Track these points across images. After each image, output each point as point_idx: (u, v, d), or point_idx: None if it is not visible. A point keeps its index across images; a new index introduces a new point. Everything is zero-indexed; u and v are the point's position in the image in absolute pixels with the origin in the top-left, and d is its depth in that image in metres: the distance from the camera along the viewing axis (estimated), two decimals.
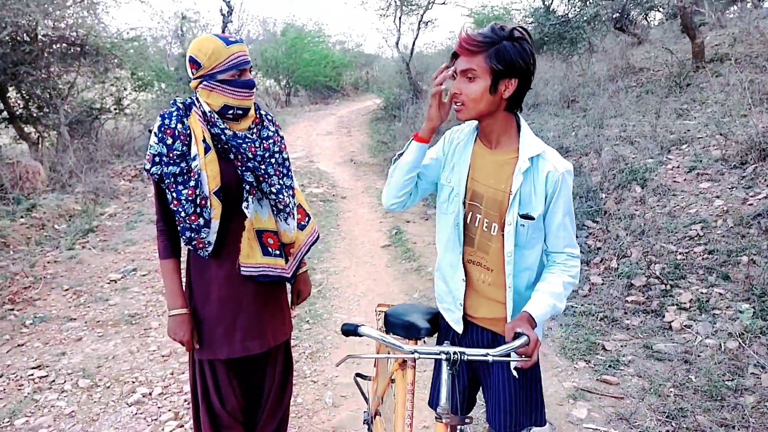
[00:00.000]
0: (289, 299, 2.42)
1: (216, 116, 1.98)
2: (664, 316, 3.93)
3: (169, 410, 3.25)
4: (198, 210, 1.94)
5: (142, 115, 13.26)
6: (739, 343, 3.42)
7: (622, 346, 3.70)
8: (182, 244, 2.05)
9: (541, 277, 1.74)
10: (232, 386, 2.16)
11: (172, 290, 2.05)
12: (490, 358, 1.49)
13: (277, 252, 2.16)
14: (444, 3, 17.95)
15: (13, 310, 4.64)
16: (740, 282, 3.98)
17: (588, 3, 10.96)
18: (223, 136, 1.99)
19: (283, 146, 2.21)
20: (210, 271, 2.08)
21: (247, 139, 2.04)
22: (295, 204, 2.25)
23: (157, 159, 1.94)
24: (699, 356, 3.42)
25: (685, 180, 5.58)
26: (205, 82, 1.97)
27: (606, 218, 5.37)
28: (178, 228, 1.99)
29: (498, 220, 1.72)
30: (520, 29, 1.62)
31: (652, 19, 16.69)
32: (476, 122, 1.76)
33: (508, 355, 1.51)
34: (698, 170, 5.60)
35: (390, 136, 12.81)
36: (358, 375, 2.61)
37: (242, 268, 2.05)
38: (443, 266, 1.88)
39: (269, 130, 2.16)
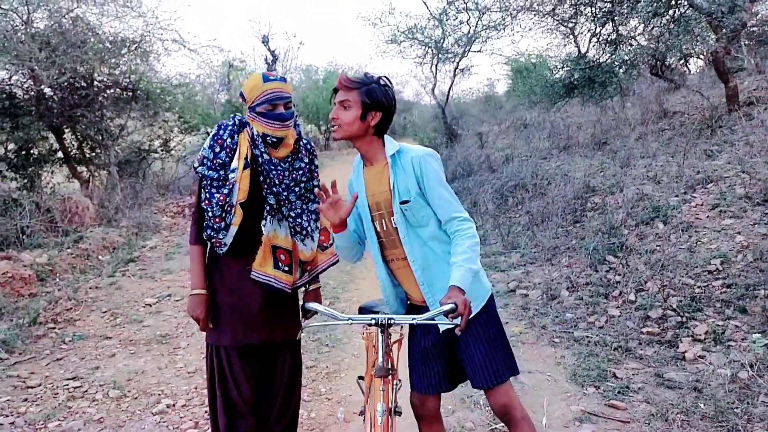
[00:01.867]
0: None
1: (260, 140, 2.29)
2: (678, 347, 3.94)
3: (191, 420, 3.44)
4: (222, 214, 2.23)
5: (187, 156, 13.95)
6: (750, 372, 3.41)
7: (633, 374, 3.72)
8: (204, 238, 2.33)
9: (451, 253, 2.05)
10: (245, 374, 2.36)
11: (195, 272, 2.36)
12: (415, 322, 1.86)
13: (286, 268, 2.41)
14: (480, 51, 18.42)
15: (54, 328, 4.96)
16: (757, 315, 3.98)
17: (617, 48, 11.13)
18: (260, 159, 2.29)
19: (315, 175, 2.50)
20: (227, 264, 2.36)
21: (279, 167, 2.32)
22: (315, 227, 2.50)
23: (204, 161, 2.29)
24: (709, 385, 3.42)
25: (707, 217, 5.59)
26: (249, 113, 2.30)
27: (627, 253, 5.41)
28: (204, 224, 2.29)
29: (392, 214, 2.13)
30: (385, 78, 2.13)
31: (694, 65, 16.68)
32: (359, 156, 2.21)
33: (441, 321, 1.86)
34: (721, 207, 5.61)
35: None
36: (360, 378, 2.74)
37: (252, 273, 2.31)
38: (377, 272, 2.28)
39: (302, 161, 2.44)
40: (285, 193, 2.33)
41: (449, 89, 18.98)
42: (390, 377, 1.94)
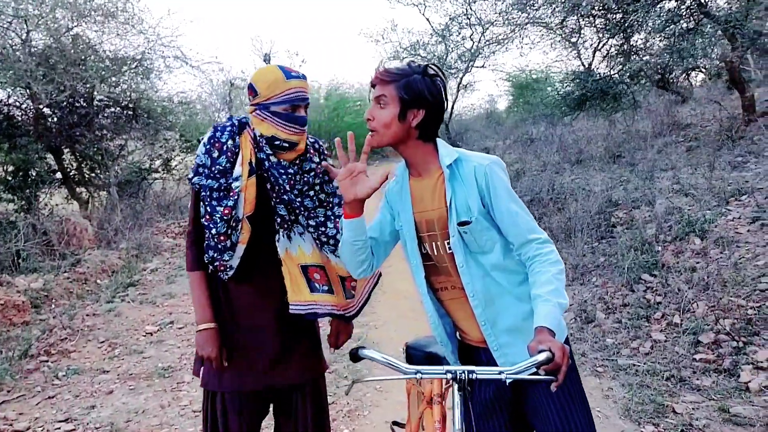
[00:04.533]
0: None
1: (264, 142, 1.93)
2: (739, 376, 3.54)
3: None
4: (228, 231, 1.86)
5: (188, 176, 13.63)
6: None
7: (694, 408, 3.32)
8: (205, 261, 1.93)
9: (531, 283, 1.64)
10: (240, 423, 1.96)
11: (200, 303, 1.95)
12: (504, 376, 1.41)
13: (326, 287, 2.03)
14: (483, 66, 18.22)
15: (47, 361, 4.55)
16: None
17: (630, 59, 10.87)
18: (266, 163, 1.92)
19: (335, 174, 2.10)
20: (236, 292, 1.98)
21: (288, 171, 1.95)
22: None
23: (200, 170, 1.91)
24: None
25: (748, 231, 5.22)
26: (258, 111, 1.93)
27: (665, 272, 5.03)
28: (204, 245, 1.90)
29: (447, 237, 1.72)
30: (434, 66, 1.72)
31: (694, 79, 16.47)
32: (404, 162, 1.80)
33: (535, 377, 1.41)
34: (762, 221, 5.25)
35: None
36: (394, 423, 2.36)
37: (291, 306, 1.93)
38: (423, 304, 1.85)
39: (312, 162, 2.06)
40: (299, 200, 1.96)
41: (452, 106, 18.76)
42: None
